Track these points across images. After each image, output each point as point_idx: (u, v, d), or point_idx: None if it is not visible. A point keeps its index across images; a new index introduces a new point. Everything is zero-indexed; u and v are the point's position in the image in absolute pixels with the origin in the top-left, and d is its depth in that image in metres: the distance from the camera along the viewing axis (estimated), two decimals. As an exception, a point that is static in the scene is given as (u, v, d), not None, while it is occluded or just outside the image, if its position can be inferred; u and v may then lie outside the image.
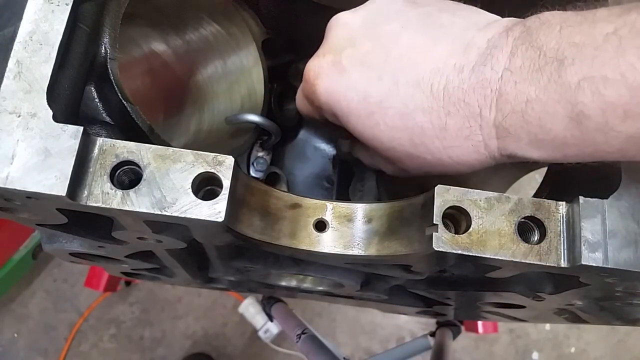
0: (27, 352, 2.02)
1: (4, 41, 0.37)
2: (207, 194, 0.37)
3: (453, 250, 0.38)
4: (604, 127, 0.32)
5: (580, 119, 0.33)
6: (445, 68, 0.40)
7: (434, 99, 0.40)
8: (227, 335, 2.12)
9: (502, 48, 0.37)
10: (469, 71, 0.38)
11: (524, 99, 0.35)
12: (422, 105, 0.40)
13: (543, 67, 0.34)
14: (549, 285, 0.50)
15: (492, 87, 0.37)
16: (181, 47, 0.70)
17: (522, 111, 0.36)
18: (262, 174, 0.71)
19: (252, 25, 0.68)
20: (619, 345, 2.26)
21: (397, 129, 0.42)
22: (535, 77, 0.34)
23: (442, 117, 0.40)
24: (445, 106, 0.40)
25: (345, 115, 0.45)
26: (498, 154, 0.40)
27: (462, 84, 0.39)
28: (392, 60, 0.42)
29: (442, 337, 1.21)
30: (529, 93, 0.35)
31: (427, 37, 0.42)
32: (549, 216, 0.39)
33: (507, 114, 0.36)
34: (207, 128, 0.70)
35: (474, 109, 0.38)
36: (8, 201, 0.37)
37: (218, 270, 0.70)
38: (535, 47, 0.35)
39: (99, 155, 0.36)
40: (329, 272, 0.61)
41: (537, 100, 0.34)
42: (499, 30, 0.39)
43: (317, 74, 0.46)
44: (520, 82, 0.35)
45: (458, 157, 0.41)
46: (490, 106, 0.37)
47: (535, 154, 0.38)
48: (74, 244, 0.54)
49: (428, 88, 0.40)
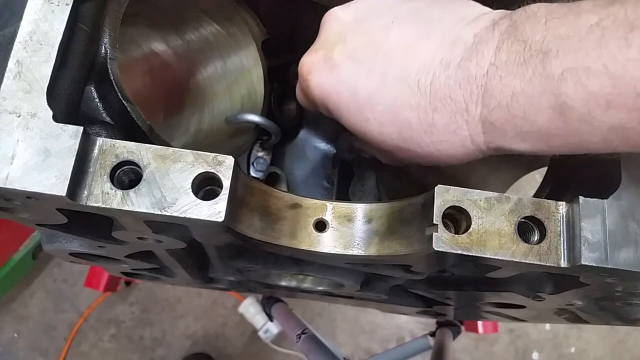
0: (27, 352, 2.02)
1: (4, 41, 0.37)
2: (207, 194, 0.37)
3: (453, 250, 0.38)
4: (587, 117, 0.33)
5: (563, 109, 0.33)
6: (433, 63, 0.40)
7: (421, 94, 0.40)
8: (227, 335, 2.12)
9: (488, 42, 0.37)
10: (455, 67, 0.39)
11: (509, 93, 0.35)
12: (410, 101, 0.41)
13: (528, 60, 0.34)
14: (549, 285, 0.50)
15: (478, 82, 0.37)
16: (181, 47, 0.70)
17: (507, 105, 0.36)
18: (262, 174, 0.71)
19: (252, 25, 0.68)
20: (619, 345, 2.26)
21: (386, 124, 0.43)
22: (520, 71, 0.35)
23: (429, 113, 0.40)
24: (432, 102, 0.40)
25: (337, 109, 0.46)
26: (485, 147, 0.40)
27: (448, 79, 0.39)
28: (381, 56, 0.43)
29: (442, 337, 1.21)
30: (514, 87, 0.35)
31: (417, 32, 0.42)
32: (549, 216, 0.39)
33: (493, 108, 0.37)
34: (207, 128, 0.70)
35: (460, 105, 0.39)
36: (8, 201, 0.37)
37: (218, 270, 0.70)
38: (521, 40, 0.35)
39: (99, 155, 0.36)
40: (329, 272, 0.61)
41: (522, 93, 0.35)
42: (486, 24, 0.39)
43: (309, 70, 0.47)
44: (506, 76, 0.36)
45: (446, 151, 0.42)
46: (476, 101, 0.38)
47: (521, 146, 0.38)
48: (74, 244, 0.54)
49: (415, 84, 0.41)
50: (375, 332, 2.18)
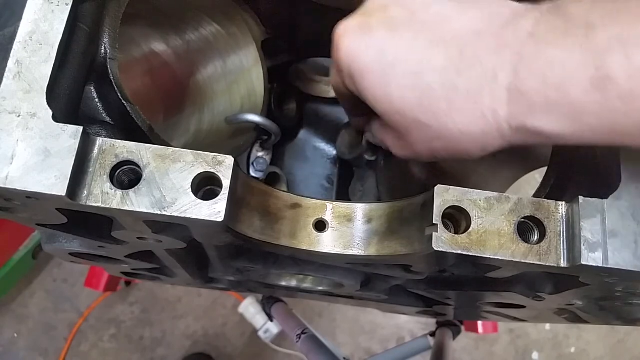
0: (27, 352, 2.02)
1: (4, 41, 0.37)
2: (207, 194, 0.37)
3: (453, 250, 0.38)
4: (628, 95, 0.31)
5: (604, 83, 0.32)
6: (466, 32, 0.40)
7: (447, 58, 0.40)
8: (227, 335, 2.12)
9: (527, 16, 0.37)
10: (489, 34, 0.38)
11: (546, 62, 0.34)
12: (435, 64, 0.40)
13: (570, 30, 0.33)
14: (549, 285, 0.50)
15: (513, 49, 0.36)
16: (181, 47, 0.70)
17: (542, 74, 0.35)
18: (262, 174, 0.71)
19: (252, 25, 0.68)
20: (619, 345, 2.25)
21: (408, 88, 0.42)
22: (560, 40, 0.34)
23: (453, 78, 0.39)
24: (458, 66, 0.39)
25: (360, 75, 0.45)
26: (506, 125, 0.38)
27: (480, 45, 0.38)
28: (416, 25, 0.43)
29: (442, 337, 1.21)
30: (553, 55, 0.34)
31: (457, 9, 0.42)
32: (549, 216, 0.39)
33: (526, 77, 0.36)
34: (207, 128, 0.70)
35: (488, 72, 0.38)
36: (8, 201, 0.37)
37: (218, 270, 0.70)
38: (563, 15, 0.34)
39: (99, 155, 0.36)
40: (329, 272, 0.61)
41: (561, 63, 0.34)
42: (526, 5, 0.39)
43: (342, 33, 0.46)
44: (545, 45, 0.35)
45: (463, 125, 0.40)
46: (508, 69, 0.37)
47: (547, 124, 0.36)
48: (74, 244, 0.54)
49: (443, 47, 0.40)
50: (375, 332, 2.18)
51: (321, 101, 0.76)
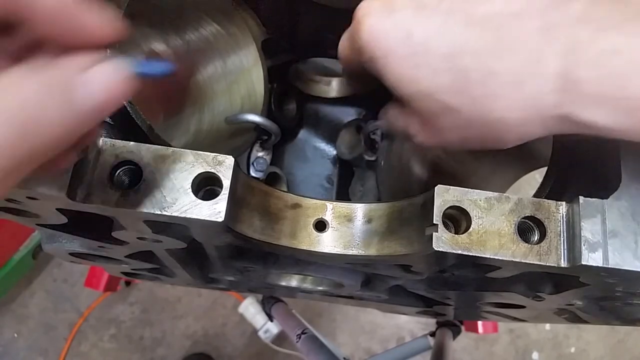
0: (27, 352, 2.02)
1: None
2: (207, 194, 0.37)
3: (453, 250, 0.38)
4: None
5: None
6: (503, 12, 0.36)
7: (485, 39, 0.36)
8: (227, 335, 2.12)
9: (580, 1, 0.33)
10: (534, 13, 0.34)
11: (604, 48, 0.31)
12: (471, 46, 0.37)
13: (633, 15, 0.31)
14: (549, 285, 0.50)
15: (562, 32, 0.33)
16: (181, 47, 0.69)
17: (598, 62, 0.32)
18: (262, 174, 0.71)
19: (252, 25, 0.68)
20: (619, 345, 2.25)
21: (439, 72, 0.39)
22: (622, 26, 0.31)
23: (491, 61, 0.36)
24: (497, 48, 0.36)
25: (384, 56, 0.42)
26: (550, 113, 0.35)
27: (524, 25, 0.35)
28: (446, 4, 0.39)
29: (442, 337, 1.21)
30: (612, 42, 0.31)
31: None
32: (549, 216, 0.39)
33: (578, 65, 0.33)
34: (207, 128, 0.70)
35: (534, 54, 0.34)
36: (9, 201, 0.37)
37: (218, 270, 0.70)
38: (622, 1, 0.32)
39: (99, 155, 0.36)
40: (329, 272, 0.61)
41: (620, 51, 0.31)
42: None
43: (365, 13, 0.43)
44: (603, 30, 0.32)
45: (500, 111, 0.37)
46: (557, 53, 0.33)
47: (598, 117, 0.33)
48: (74, 244, 0.54)
49: (480, 27, 0.36)
50: (375, 332, 2.18)
51: (321, 101, 0.76)
